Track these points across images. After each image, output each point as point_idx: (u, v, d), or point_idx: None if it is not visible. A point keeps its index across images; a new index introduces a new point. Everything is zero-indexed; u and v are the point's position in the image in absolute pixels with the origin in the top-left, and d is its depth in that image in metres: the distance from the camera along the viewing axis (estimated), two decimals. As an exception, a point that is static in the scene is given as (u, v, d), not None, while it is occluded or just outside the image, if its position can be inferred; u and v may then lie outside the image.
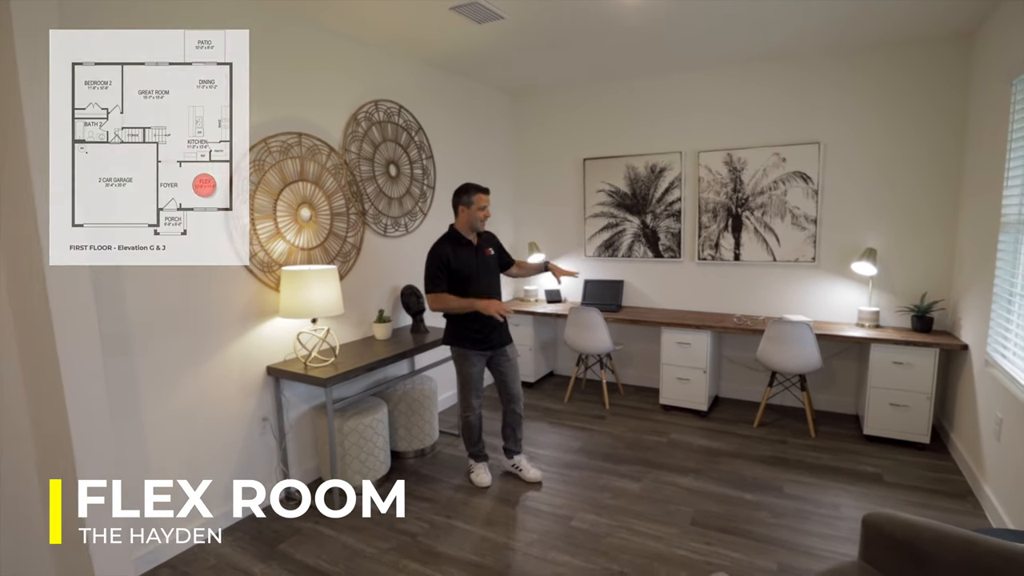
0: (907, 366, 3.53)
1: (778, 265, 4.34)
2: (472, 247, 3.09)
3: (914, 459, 3.44)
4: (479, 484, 3.21)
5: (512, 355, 3.22)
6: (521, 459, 3.31)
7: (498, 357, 3.17)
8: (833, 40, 3.70)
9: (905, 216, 3.89)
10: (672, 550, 2.57)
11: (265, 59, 2.92)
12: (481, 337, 3.09)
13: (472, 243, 3.09)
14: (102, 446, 2.07)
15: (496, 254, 3.23)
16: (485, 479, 3.23)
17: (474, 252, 3.09)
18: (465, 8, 2.98)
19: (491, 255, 3.18)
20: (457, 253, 3.03)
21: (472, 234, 3.09)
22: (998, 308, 2.91)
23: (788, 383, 4.11)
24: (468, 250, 3.07)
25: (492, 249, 3.20)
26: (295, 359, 3.07)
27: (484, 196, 3.04)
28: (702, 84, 4.43)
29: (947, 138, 3.69)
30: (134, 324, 2.42)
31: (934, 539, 1.55)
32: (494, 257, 3.21)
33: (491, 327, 3.08)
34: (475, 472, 3.27)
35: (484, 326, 3.06)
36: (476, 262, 3.08)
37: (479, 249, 3.11)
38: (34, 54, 1.80)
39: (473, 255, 3.08)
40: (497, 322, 3.05)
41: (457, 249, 3.04)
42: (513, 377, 3.21)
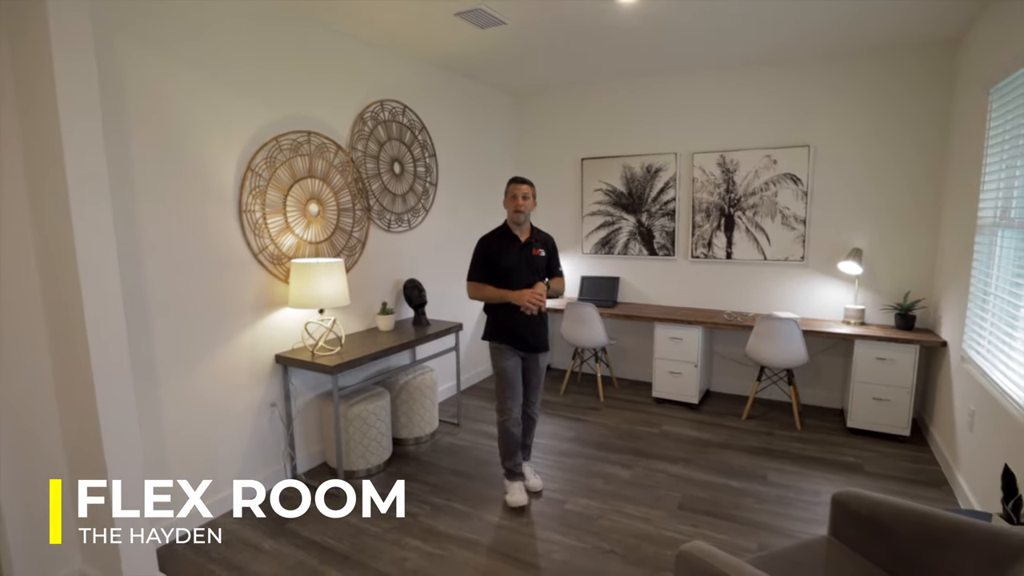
0: (889, 362, 3.68)
1: (768, 264, 4.49)
2: (518, 243, 2.95)
3: (894, 451, 3.59)
4: (513, 504, 2.94)
5: (543, 363, 3.10)
6: (525, 466, 3.18)
7: (529, 361, 3.05)
8: (824, 46, 3.84)
9: (890, 218, 4.03)
10: (659, 531, 2.72)
11: (276, 60, 3.06)
12: (514, 334, 2.96)
13: (519, 239, 2.96)
14: (130, 441, 2.19)
15: (547, 257, 3.05)
16: (520, 498, 2.96)
17: (519, 248, 2.95)
18: (468, 14, 3.11)
19: (540, 256, 3.00)
20: (500, 246, 2.94)
21: (518, 228, 2.96)
22: (973, 307, 3.06)
23: (776, 378, 4.26)
24: (513, 245, 2.94)
25: (544, 251, 3.03)
26: (303, 348, 3.21)
27: (515, 185, 2.92)
28: (697, 87, 4.57)
29: (931, 143, 3.83)
30: (152, 312, 2.56)
31: (893, 514, 1.69)
32: (543, 259, 3.02)
33: (524, 326, 2.94)
34: (509, 492, 2.99)
35: (517, 323, 2.93)
36: (519, 259, 2.93)
37: (527, 247, 2.97)
38: (71, 55, 1.93)
39: (517, 251, 2.94)
40: (534, 323, 2.94)
41: (501, 243, 2.95)
42: (535, 383, 3.09)
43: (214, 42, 2.74)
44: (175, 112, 2.59)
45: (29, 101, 2.01)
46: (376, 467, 3.34)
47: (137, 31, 2.42)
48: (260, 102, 2.98)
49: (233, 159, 2.86)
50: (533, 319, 2.93)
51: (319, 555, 2.56)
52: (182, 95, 2.62)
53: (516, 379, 2.98)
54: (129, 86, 2.40)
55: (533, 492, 3.10)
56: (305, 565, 2.50)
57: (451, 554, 2.56)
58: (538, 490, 3.12)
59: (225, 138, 2.82)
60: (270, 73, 3.03)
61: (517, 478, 3.03)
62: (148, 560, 2.28)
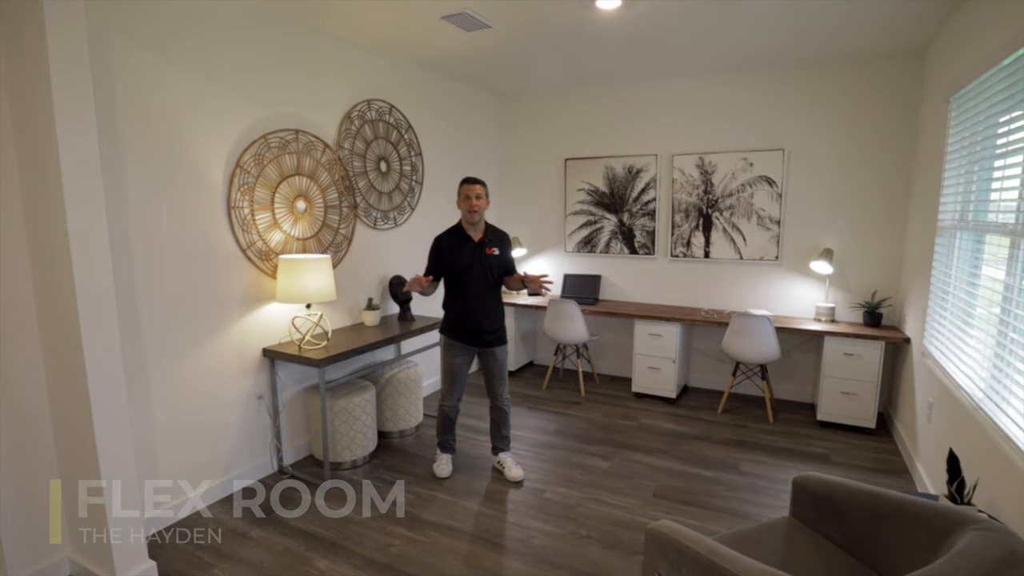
0: (857, 358, 3.84)
1: (744, 263, 4.64)
2: (471, 242, 3.07)
3: (860, 442, 3.75)
4: (438, 474, 3.25)
5: (501, 356, 3.21)
6: (506, 457, 3.31)
7: (486, 356, 3.20)
8: (800, 54, 3.97)
9: (860, 219, 4.20)
10: (635, 518, 2.84)
11: (266, 60, 3.12)
12: (468, 330, 3.12)
13: (472, 238, 3.08)
14: (122, 435, 2.24)
15: (501, 256, 3.15)
16: (444, 470, 3.26)
17: (472, 247, 3.07)
18: (455, 18, 3.20)
19: (494, 254, 3.11)
20: (452, 245, 3.07)
21: (472, 228, 3.08)
22: (934, 304, 3.22)
23: (751, 373, 4.41)
24: (466, 244, 3.07)
25: (498, 250, 3.13)
26: (290, 342, 3.27)
27: (467, 185, 3.03)
28: (678, 91, 4.70)
29: (899, 148, 4.00)
30: (141, 306, 2.61)
31: (846, 494, 1.82)
32: (497, 258, 3.13)
33: (473, 322, 3.10)
34: (437, 461, 3.31)
35: (466, 318, 3.11)
36: (472, 257, 3.06)
37: (481, 245, 3.08)
38: (67, 55, 1.98)
39: (471, 251, 3.07)
40: (487, 319, 3.10)
41: (453, 241, 3.07)
42: (496, 377, 3.22)
43: (206, 42, 2.80)
44: (167, 110, 2.64)
45: (24, 97, 2.06)
46: (362, 459, 3.42)
47: (131, 30, 2.47)
48: (250, 101, 3.04)
49: (222, 156, 2.92)
50: (485, 314, 3.08)
51: (306, 542, 2.64)
52: (174, 94, 2.67)
53: (460, 373, 3.20)
54: (122, 84, 2.45)
55: (514, 482, 3.21)
56: (292, 552, 2.57)
57: (435, 541, 2.65)
58: (519, 480, 3.22)
59: (215, 136, 2.87)
60: (260, 73, 3.09)
61: (447, 450, 3.34)
62: (138, 549, 2.34)
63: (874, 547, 1.71)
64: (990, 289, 2.46)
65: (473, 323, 3.12)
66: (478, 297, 3.11)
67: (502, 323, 3.24)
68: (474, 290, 3.10)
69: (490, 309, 3.16)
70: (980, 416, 2.26)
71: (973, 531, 1.43)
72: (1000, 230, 2.37)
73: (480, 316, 3.10)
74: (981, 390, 2.37)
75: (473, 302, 3.10)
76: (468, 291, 3.10)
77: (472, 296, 3.10)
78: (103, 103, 2.36)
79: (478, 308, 3.11)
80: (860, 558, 1.75)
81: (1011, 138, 2.32)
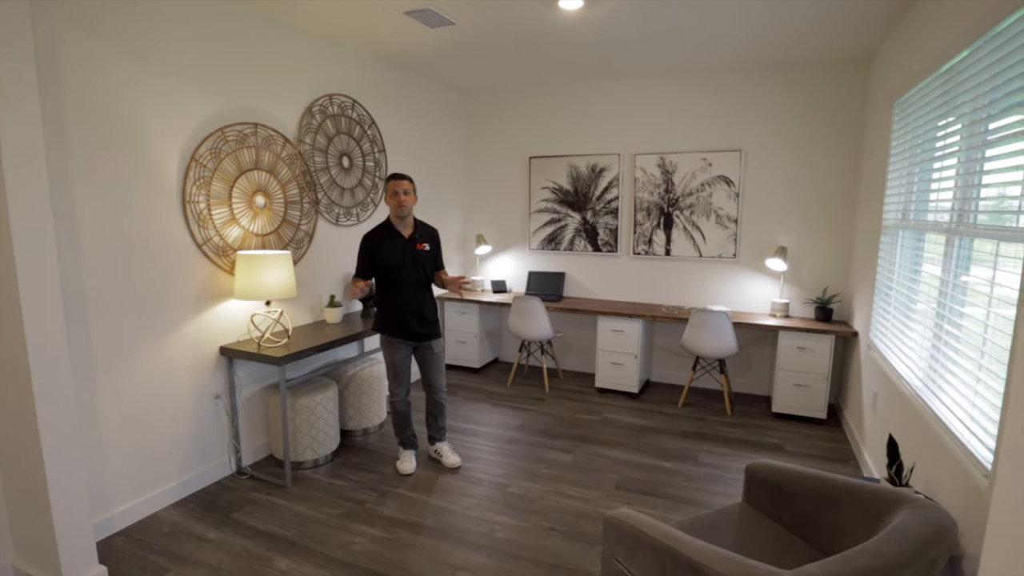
0: (809, 351, 4.00)
1: (704, 260, 4.76)
2: (401, 238, 3.09)
3: (812, 432, 3.90)
4: (401, 471, 3.25)
5: (437, 349, 3.25)
6: (443, 446, 3.39)
7: (422, 349, 3.23)
8: (758, 59, 4.10)
9: (812, 218, 4.37)
10: (596, 509, 2.89)
11: (223, 51, 3.05)
12: (397, 326, 3.14)
13: (402, 234, 3.10)
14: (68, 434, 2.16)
15: (432, 251, 3.20)
16: (408, 467, 3.27)
17: (403, 244, 3.09)
18: (418, 13, 3.19)
19: (424, 250, 3.14)
20: (383, 243, 3.07)
21: (402, 224, 3.10)
22: (879, 299, 3.37)
23: (710, 367, 4.54)
24: (396, 241, 3.08)
25: (428, 245, 3.17)
26: (249, 340, 3.21)
27: (395, 182, 3.03)
28: (640, 92, 4.79)
29: (850, 150, 4.18)
30: (90, 303, 2.53)
31: (794, 479, 1.90)
32: (428, 253, 3.17)
33: (407, 317, 3.12)
34: (401, 459, 3.32)
35: (400, 315, 3.12)
36: (403, 254, 3.08)
37: (411, 241, 3.11)
38: (8, 35, 1.90)
39: (401, 247, 3.08)
40: (419, 313, 3.12)
41: (384, 239, 3.08)
42: (434, 369, 3.26)
43: (158, 30, 2.72)
44: (115, 99, 2.56)
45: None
46: (324, 458, 3.38)
47: (75, 15, 2.38)
48: (206, 93, 2.97)
49: (176, 149, 2.84)
50: (418, 309, 3.13)
51: (266, 542, 2.60)
52: (123, 83, 2.59)
53: (403, 368, 3.23)
54: (67, 71, 2.37)
55: (451, 468, 3.33)
56: (251, 552, 2.53)
57: (398, 537, 2.65)
58: (456, 466, 3.33)
59: (168, 127, 2.80)
60: (216, 64, 3.02)
61: (409, 447, 3.37)
62: (87, 554, 2.26)
63: (819, 528, 1.79)
64: (928, 285, 2.60)
65: (407, 319, 3.14)
66: (411, 293, 3.13)
67: (436, 317, 3.27)
68: (406, 286, 3.11)
69: (423, 304, 3.18)
70: (919, 404, 2.38)
71: (908, 509, 1.52)
72: (937, 228, 2.50)
73: (414, 311, 3.13)
74: (920, 379, 2.51)
75: (406, 298, 3.12)
76: (400, 287, 3.11)
77: (404, 292, 3.12)
78: (47, 92, 2.28)
79: (411, 304, 3.13)
80: (806, 539, 1.84)
81: (947, 142, 2.45)
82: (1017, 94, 1.77)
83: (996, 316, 1.85)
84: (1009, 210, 1.86)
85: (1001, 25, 1.88)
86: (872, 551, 1.34)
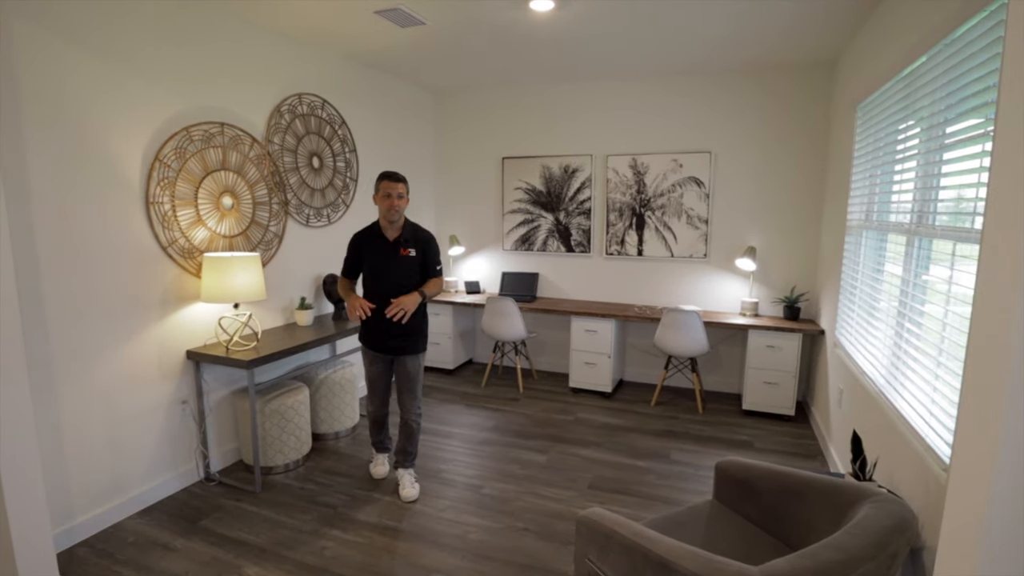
0: (777, 349, 4.08)
1: (675, 260, 4.82)
2: (386, 242, 2.91)
3: (780, 428, 3.99)
4: (374, 475, 3.21)
5: (411, 366, 3.00)
6: (404, 473, 3.07)
7: (397, 365, 3.03)
8: (727, 61, 4.16)
9: (780, 219, 4.46)
10: (570, 509, 2.90)
11: (187, 48, 2.98)
12: (371, 338, 2.98)
13: (387, 238, 2.91)
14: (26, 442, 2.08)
15: (419, 256, 2.94)
16: (381, 471, 3.22)
17: (387, 248, 2.91)
18: (388, 13, 3.16)
19: (409, 256, 2.91)
20: (368, 245, 2.94)
21: (389, 227, 2.90)
22: (844, 298, 3.46)
23: (681, 366, 4.60)
24: (381, 244, 2.91)
25: (415, 250, 2.92)
26: (216, 343, 3.14)
27: (388, 183, 2.82)
28: (612, 93, 4.83)
29: (816, 153, 4.28)
30: (48, 306, 2.44)
31: (761, 475, 1.94)
32: (413, 259, 2.92)
33: (381, 331, 2.92)
34: (374, 462, 3.27)
35: (375, 327, 2.94)
36: (386, 259, 2.90)
37: (396, 246, 2.90)
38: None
39: (385, 251, 2.91)
40: (392, 328, 2.88)
41: (370, 241, 2.94)
42: (405, 389, 3.02)
43: (119, 26, 2.64)
44: (74, 97, 2.48)
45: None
46: (295, 462, 3.33)
47: (30, 9, 2.30)
48: (170, 91, 2.90)
49: (139, 148, 2.76)
50: (391, 323, 2.85)
51: (235, 550, 2.55)
52: (82, 79, 2.50)
53: (377, 381, 3.10)
54: (21, 66, 2.28)
55: (407, 501, 2.96)
56: (219, 560, 2.47)
57: (370, 541, 2.62)
58: (411, 500, 2.97)
59: (131, 126, 2.72)
60: (181, 61, 2.95)
61: (382, 451, 3.29)
62: (47, 566, 2.18)
63: (786, 522, 1.83)
64: (891, 284, 2.68)
65: (378, 328, 2.93)
66: (386, 301, 2.87)
67: (416, 331, 2.98)
68: (385, 293, 2.88)
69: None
70: (881, 400, 2.45)
71: (870, 503, 1.56)
72: (898, 229, 2.57)
73: (385, 321, 2.87)
74: (883, 376, 2.58)
75: (383, 306, 2.87)
76: (378, 294, 2.91)
77: (380, 299, 2.89)
78: (1, 87, 2.19)
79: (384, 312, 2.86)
80: (774, 533, 1.87)
81: (907, 145, 2.53)
82: (972, 99, 1.84)
83: (953, 315, 1.91)
84: (966, 212, 1.93)
85: (957, 32, 1.94)
86: (836, 545, 1.37)
